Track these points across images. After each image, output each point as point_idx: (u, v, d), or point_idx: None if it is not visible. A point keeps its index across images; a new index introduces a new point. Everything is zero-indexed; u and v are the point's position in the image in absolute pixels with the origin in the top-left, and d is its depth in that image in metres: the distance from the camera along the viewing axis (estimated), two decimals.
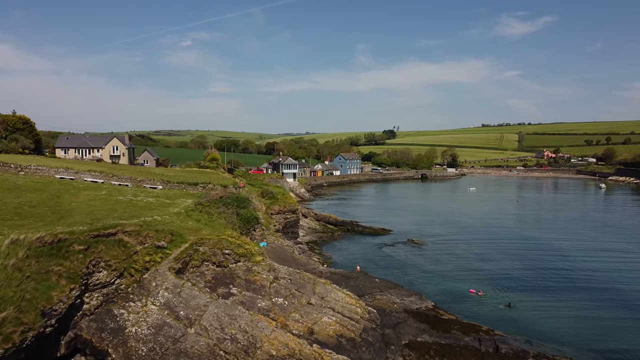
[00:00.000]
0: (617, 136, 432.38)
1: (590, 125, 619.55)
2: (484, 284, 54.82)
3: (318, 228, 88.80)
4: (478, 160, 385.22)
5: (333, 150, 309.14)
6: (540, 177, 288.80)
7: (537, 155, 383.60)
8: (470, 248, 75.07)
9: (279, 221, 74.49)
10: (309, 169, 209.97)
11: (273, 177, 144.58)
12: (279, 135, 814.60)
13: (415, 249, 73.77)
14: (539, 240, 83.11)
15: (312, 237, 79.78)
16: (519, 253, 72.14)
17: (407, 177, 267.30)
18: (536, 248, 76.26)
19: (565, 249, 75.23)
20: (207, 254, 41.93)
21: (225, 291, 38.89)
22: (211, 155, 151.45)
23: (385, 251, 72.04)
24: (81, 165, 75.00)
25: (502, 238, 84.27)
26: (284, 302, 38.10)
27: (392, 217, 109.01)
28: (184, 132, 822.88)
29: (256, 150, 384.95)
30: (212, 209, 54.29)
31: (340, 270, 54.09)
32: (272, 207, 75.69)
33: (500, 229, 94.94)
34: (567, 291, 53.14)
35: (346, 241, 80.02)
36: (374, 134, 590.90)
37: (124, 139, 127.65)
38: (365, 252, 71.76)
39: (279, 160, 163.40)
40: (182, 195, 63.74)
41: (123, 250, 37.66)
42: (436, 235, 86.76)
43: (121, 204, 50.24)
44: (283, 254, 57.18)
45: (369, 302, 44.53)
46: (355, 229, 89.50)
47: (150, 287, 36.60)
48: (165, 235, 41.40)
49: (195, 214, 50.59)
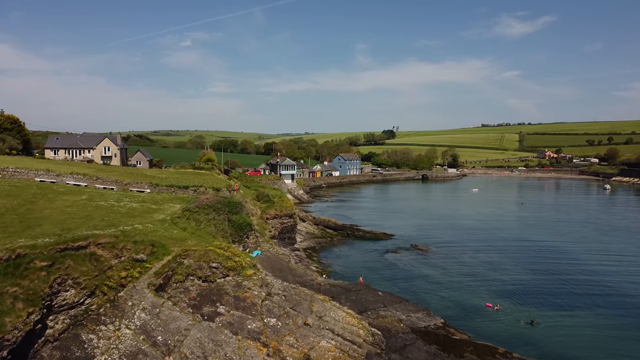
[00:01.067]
0: (618, 136, 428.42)
1: (590, 125, 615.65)
2: (497, 296, 50.52)
3: (316, 233, 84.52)
4: (479, 161, 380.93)
5: (332, 151, 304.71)
6: (543, 178, 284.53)
7: (539, 156, 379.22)
8: (478, 255, 70.81)
9: (275, 226, 70.22)
10: (307, 169, 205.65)
11: (270, 179, 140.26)
12: (278, 136, 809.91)
13: (420, 256, 69.51)
14: (550, 245, 78.87)
15: (310, 243, 75.49)
16: (530, 260, 67.91)
17: (407, 177, 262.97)
18: (548, 255, 72.03)
19: (580, 256, 71.07)
20: (192, 267, 37.69)
21: (212, 310, 34.64)
22: (207, 156, 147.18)
23: (388, 258, 67.78)
24: (64, 167, 70.67)
25: (510, 243, 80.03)
26: (277, 323, 33.83)
27: (394, 221, 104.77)
28: (183, 132, 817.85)
29: (255, 150, 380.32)
30: (201, 216, 50.00)
31: (340, 282, 49.81)
32: (268, 212, 71.41)
33: (507, 233, 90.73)
34: (592, 305, 48.86)
35: (346, 247, 75.77)
36: (373, 134, 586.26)
37: (116, 139, 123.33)
38: (367, 259, 67.49)
39: (276, 161, 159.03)
40: (171, 200, 59.48)
41: (95, 265, 33.39)
42: (441, 240, 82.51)
43: (100, 210, 45.94)
44: (278, 264, 52.91)
45: (372, 319, 40.27)
46: (355, 233, 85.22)
47: (126, 307, 32.34)
48: (145, 247, 37.15)
49: (182, 222, 46.32)
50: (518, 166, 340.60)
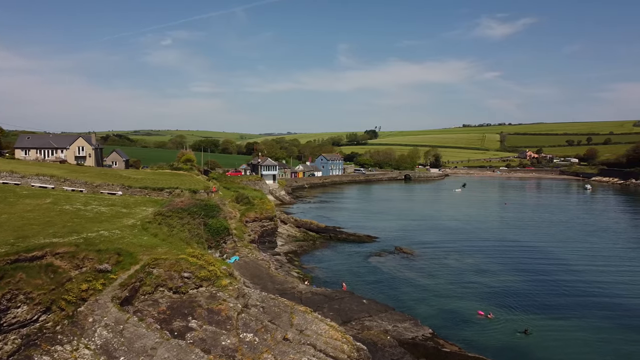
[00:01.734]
0: (597, 137, 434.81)
1: (569, 125, 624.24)
2: (487, 302, 48.45)
3: (298, 236, 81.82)
4: (461, 161, 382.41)
5: (315, 151, 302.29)
6: (524, 178, 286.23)
7: (520, 156, 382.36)
8: (464, 258, 68.97)
9: (255, 230, 67.35)
10: (289, 170, 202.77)
11: (251, 179, 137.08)
12: (260, 135, 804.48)
13: (405, 260, 67.35)
14: (536, 247, 77.52)
15: (291, 247, 72.77)
16: (517, 263, 66.27)
17: (390, 178, 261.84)
18: (535, 256, 70.57)
19: (567, 257, 69.70)
20: (162, 277, 34.71)
21: (183, 325, 31.76)
22: (185, 156, 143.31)
23: (372, 262, 65.45)
24: (32, 168, 66.79)
25: (495, 245, 78.48)
26: (254, 338, 31.09)
27: (377, 222, 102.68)
28: (164, 132, 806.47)
29: (236, 150, 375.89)
30: (175, 220, 46.93)
31: (322, 290, 47.24)
32: (248, 214, 68.47)
33: (491, 234, 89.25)
34: (583, 309, 47.12)
35: (329, 251, 73.25)
36: (356, 134, 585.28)
37: (91, 138, 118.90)
38: (350, 263, 65.07)
39: (257, 161, 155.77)
40: (144, 203, 56.23)
41: (52, 277, 30.23)
42: (425, 242, 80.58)
43: (64, 215, 42.61)
44: (257, 270, 50.16)
45: (357, 331, 37.78)
46: (338, 236, 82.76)
47: (86, 324, 29.28)
48: (110, 256, 34.06)
49: (153, 227, 43.23)
50: (500, 166, 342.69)
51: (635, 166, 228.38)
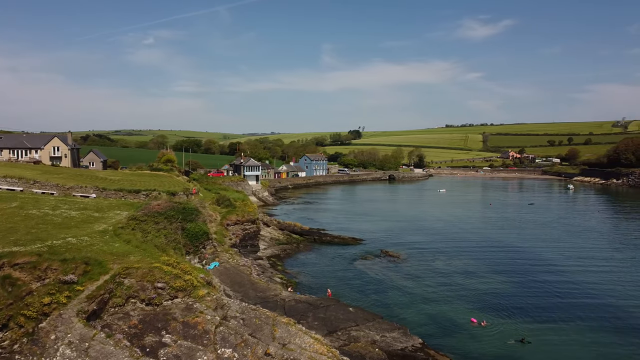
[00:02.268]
0: (577, 137, 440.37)
1: (550, 126, 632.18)
2: (478, 308, 46.74)
3: (281, 239, 79.50)
4: (444, 161, 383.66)
5: (298, 151, 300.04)
6: (507, 178, 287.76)
7: (503, 156, 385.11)
8: (452, 260, 67.42)
9: (237, 233, 64.92)
10: (273, 170, 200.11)
11: (234, 180, 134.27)
12: (243, 135, 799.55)
13: (391, 263, 65.52)
14: (523, 249, 76.41)
15: (274, 251, 70.44)
16: (506, 266, 64.87)
17: (374, 178, 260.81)
18: (523, 258, 69.36)
19: (555, 260, 68.54)
20: (134, 288, 32.20)
21: (155, 340, 29.30)
22: (166, 157, 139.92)
23: (357, 267, 63.47)
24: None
25: (483, 247, 77.20)
26: (233, 354, 28.78)
27: (362, 224, 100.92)
28: (146, 132, 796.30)
29: (219, 150, 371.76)
30: (150, 225, 44.31)
31: (307, 297, 45.05)
32: (229, 217, 66.01)
33: (478, 236, 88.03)
34: (578, 313, 45.56)
35: (313, 254, 71.10)
36: (339, 134, 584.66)
37: (67, 138, 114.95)
38: (335, 267, 63.01)
39: (240, 161, 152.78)
40: (118, 206, 53.40)
41: (10, 290, 27.56)
42: (411, 244, 78.97)
43: (29, 220, 39.71)
44: (238, 277, 47.80)
45: (343, 342, 35.71)
46: (323, 239, 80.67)
47: (47, 342, 26.68)
48: (77, 265, 31.43)
49: (126, 233, 40.58)
50: (483, 166, 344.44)
51: (615, 166, 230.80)
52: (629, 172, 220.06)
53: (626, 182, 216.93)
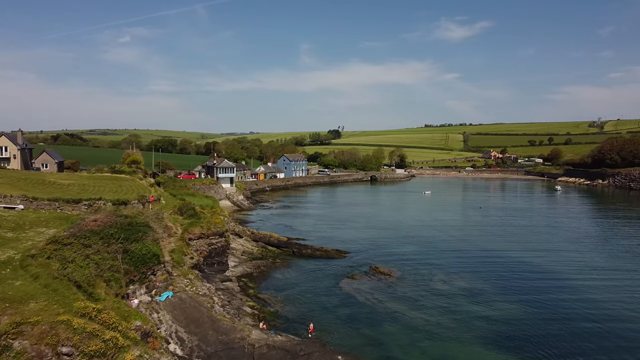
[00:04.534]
0: (557, 137, 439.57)
1: (528, 126, 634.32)
2: (494, 344, 37.62)
3: (256, 252, 69.45)
4: (426, 161, 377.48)
5: (277, 151, 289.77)
6: (490, 178, 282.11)
7: (485, 156, 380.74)
8: (452, 278, 58.33)
9: (201, 249, 54.66)
10: (249, 171, 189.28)
11: (205, 183, 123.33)
12: (222, 135, 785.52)
13: (383, 283, 56.11)
14: (527, 261, 67.76)
15: (246, 268, 60.33)
16: (515, 283, 56.07)
17: (356, 179, 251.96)
18: (532, 273, 60.72)
19: (565, 275, 59.97)
20: (26, 355, 21.97)
21: None
22: (131, 157, 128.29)
23: (344, 288, 53.80)
24: None
25: (484, 260, 68.45)
26: None
27: (346, 231, 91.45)
28: (121, 132, 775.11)
29: (195, 150, 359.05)
30: (75, 250, 33.85)
31: (283, 340, 35.11)
32: (192, 230, 55.67)
33: (474, 245, 79.33)
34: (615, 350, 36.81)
35: (292, 271, 61.26)
36: (319, 134, 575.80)
37: (16, 137, 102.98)
38: (318, 290, 53.27)
39: (213, 162, 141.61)
40: (47, 222, 42.75)
41: None
42: (402, 257, 69.84)
43: None
44: (196, 312, 37.69)
45: None
46: (303, 251, 70.83)
47: None
48: None
49: (37, 264, 30.08)
50: (465, 167, 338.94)
51: (600, 167, 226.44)
52: (614, 172, 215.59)
53: (612, 182, 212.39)
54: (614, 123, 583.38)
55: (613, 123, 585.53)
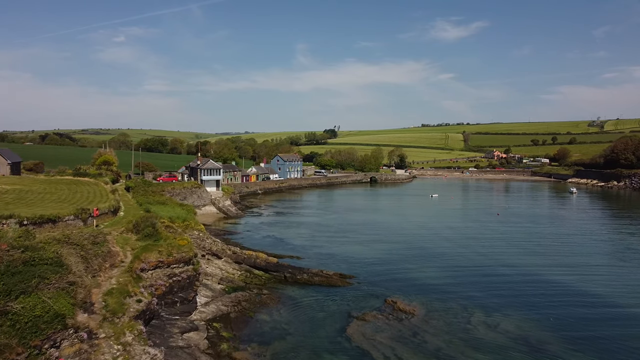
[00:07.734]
0: (560, 136, 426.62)
1: (527, 125, 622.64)
2: None
3: (237, 279, 54.51)
4: (427, 161, 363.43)
5: (271, 151, 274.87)
6: (495, 180, 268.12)
7: (487, 156, 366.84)
8: (495, 318, 43.72)
9: (158, 284, 39.71)
10: (240, 173, 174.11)
11: (187, 187, 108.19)
12: (217, 135, 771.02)
13: (405, 328, 41.37)
14: (590, 291, 53.28)
15: (221, 306, 45.32)
16: (580, 327, 41.42)
17: (354, 180, 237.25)
18: (608, 311, 46.11)
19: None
20: None
21: None
22: (103, 158, 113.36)
23: (354, 339, 38.92)
24: None
25: (526, 287, 53.93)
26: None
27: (348, 246, 76.70)
28: (114, 131, 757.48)
29: (186, 150, 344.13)
30: None
31: None
32: (145, 257, 40.66)
33: (510, 265, 64.77)
34: None
35: (283, 309, 46.34)
36: (315, 134, 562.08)
37: None
38: (319, 342, 38.42)
39: (197, 163, 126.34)
40: None
41: None
42: (423, 283, 55.36)
43: None
44: None
45: None
46: (297, 276, 55.92)
47: None
48: None
49: None
50: (468, 167, 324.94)
51: (615, 167, 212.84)
52: (631, 173, 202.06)
53: (629, 184, 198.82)
54: (614, 122, 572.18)
55: (613, 122, 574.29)
